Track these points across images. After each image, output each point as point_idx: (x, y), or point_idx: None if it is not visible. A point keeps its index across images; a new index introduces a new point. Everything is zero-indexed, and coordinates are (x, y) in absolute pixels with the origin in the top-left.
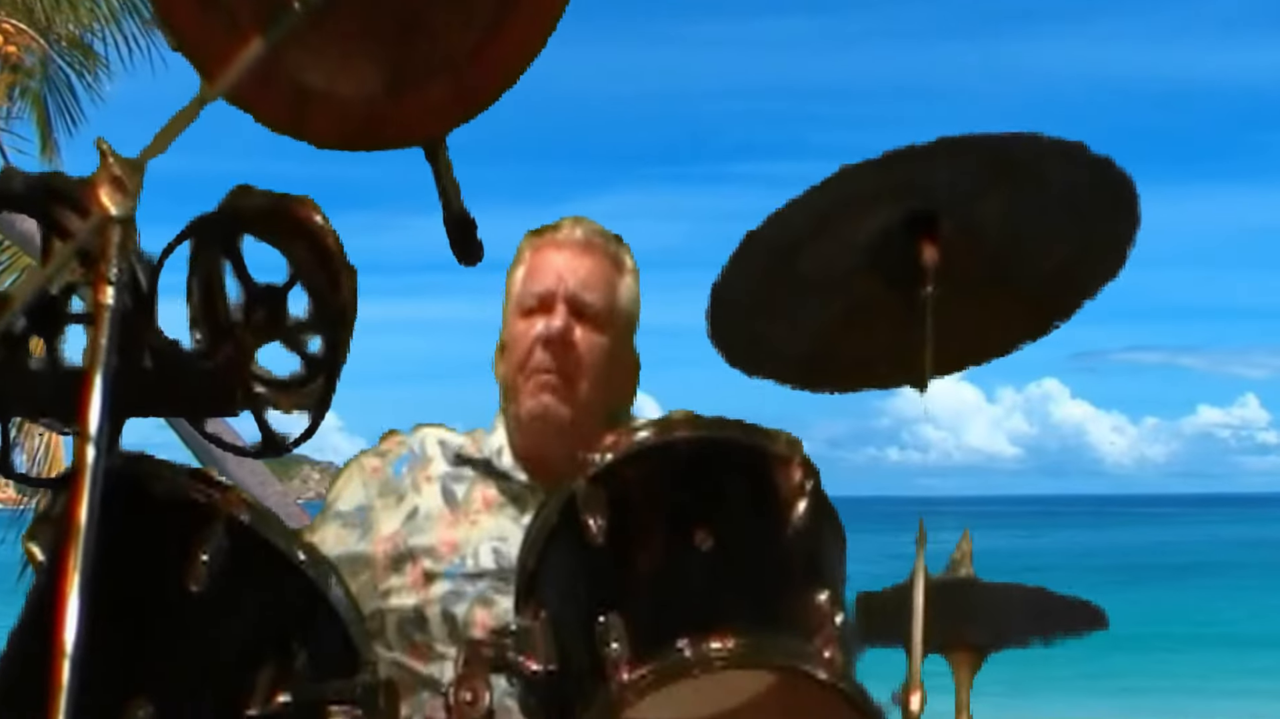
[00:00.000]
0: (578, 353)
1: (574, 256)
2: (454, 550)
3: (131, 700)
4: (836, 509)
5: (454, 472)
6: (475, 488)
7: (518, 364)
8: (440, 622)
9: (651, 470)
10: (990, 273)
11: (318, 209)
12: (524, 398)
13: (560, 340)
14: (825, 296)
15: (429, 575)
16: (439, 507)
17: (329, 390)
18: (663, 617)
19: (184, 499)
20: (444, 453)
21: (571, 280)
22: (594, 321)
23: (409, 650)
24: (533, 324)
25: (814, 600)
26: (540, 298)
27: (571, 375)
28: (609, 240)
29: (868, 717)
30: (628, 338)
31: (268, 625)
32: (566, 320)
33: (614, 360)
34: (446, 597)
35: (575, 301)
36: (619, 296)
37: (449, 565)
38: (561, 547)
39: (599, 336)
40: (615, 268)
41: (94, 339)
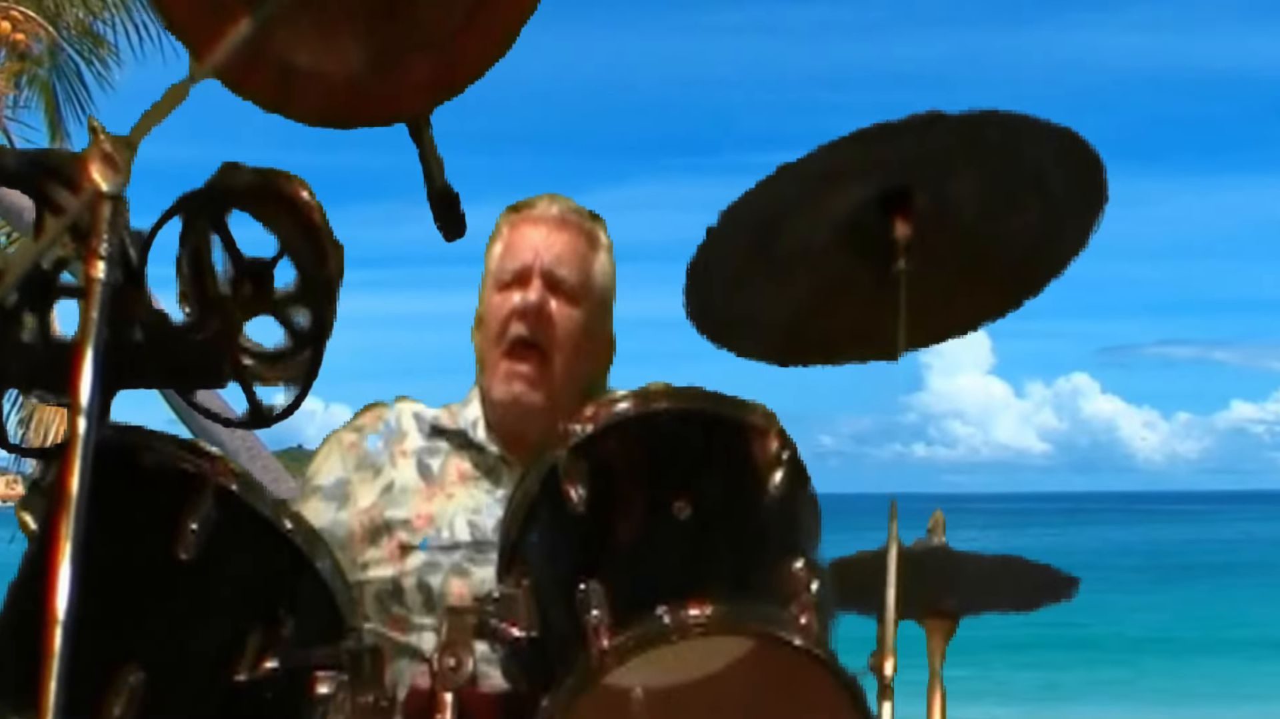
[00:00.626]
0: (553, 326)
1: (550, 232)
2: (429, 523)
3: (122, 666)
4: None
5: (429, 445)
6: (450, 461)
7: (494, 336)
8: (416, 592)
9: (631, 441)
10: (962, 248)
11: (305, 185)
12: (496, 381)
13: (536, 313)
14: (800, 272)
15: (405, 548)
16: (414, 480)
17: (315, 363)
18: (642, 584)
19: (173, 469)
20: (419, 426)
21: (547, 256)
22: (569, 296)
23: (387, 621)
24: (509, 297)
25: (790, 568)
26: (516, 273)
27: (546, 349)
28: (584, 217)
29: (843, 682)
30: (602, 312)
31: (255, 593)
32: (542, 294)
33: (588, 334)
34: (422, 568)
35: (551, 276)
36: (594, 272)
37: (424, 537)
38: (543, 516)
39: (574, 310)
40: (590, 244)
41: (85, 312)
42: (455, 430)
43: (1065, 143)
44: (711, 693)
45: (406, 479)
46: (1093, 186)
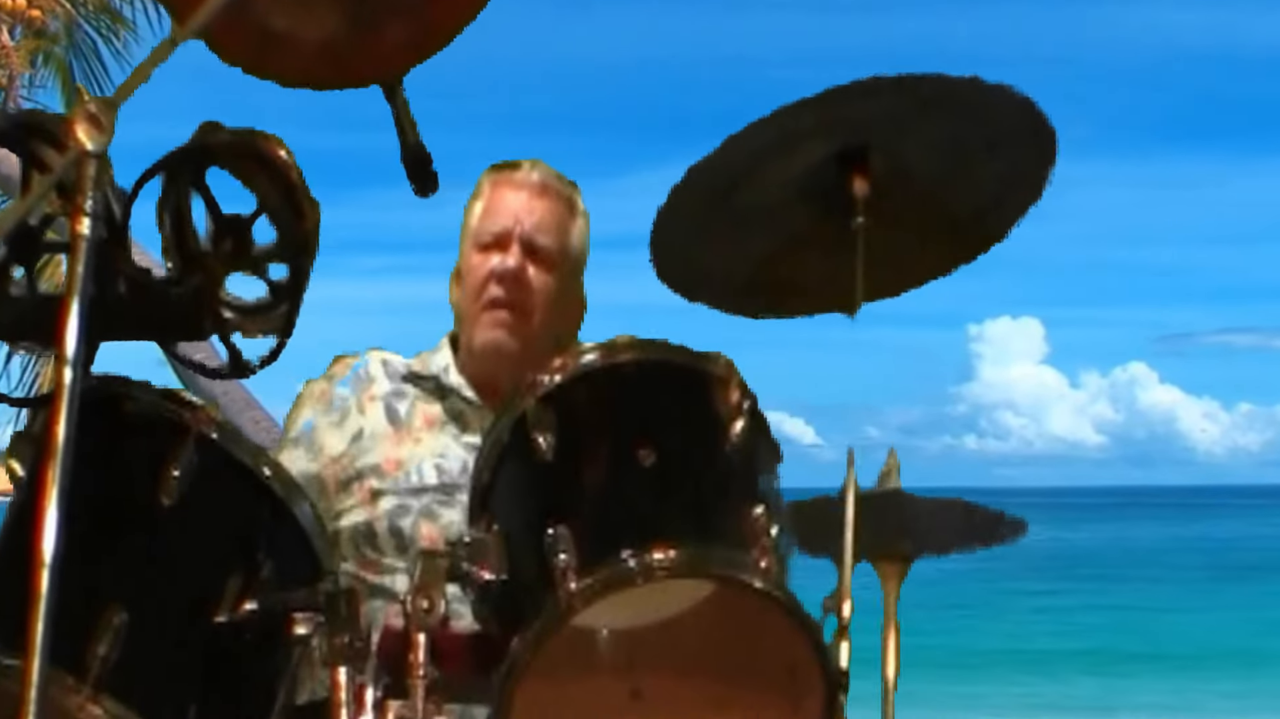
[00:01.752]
0: (530, 290)
1: (530, 198)
2: (398, 467)
3: (107, 608)
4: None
5: (397, 389)
6: (417, 407)
7: (473, 294)
8: (388, 535)
9: (597, 391)
10: (918, 204)
11: (282, 144)
12: (478, 329)
13: (514, 278)
14: (762, 227)
15: (375, 493)
16: (383, 426)
17: (293, 315)
18: (608, 529)
19: (156, 417)
20: (387, 373)
21: (527, 222)
22: (546, 262)
23: (360, 563)
24: (488, 259)
25: (750, 513)
26: (497, 236)
27: (524, 310)
28: (564, 185)
29: (801, 624)
30: (576, 277)
31: (235, 537)
32: (520, 260)
33: (562, 298)
34: (393, 512)
35: (530, 243)
36: (570, 239)
37: (393, 481)
38: (512, 463)
39: (549, 276)
40: (569, 211)
41: (71, 267)
42: (428, 376)
43: (1017, 105)
44: (675, 634)
45: (375, 425)
46: (1043, 146)
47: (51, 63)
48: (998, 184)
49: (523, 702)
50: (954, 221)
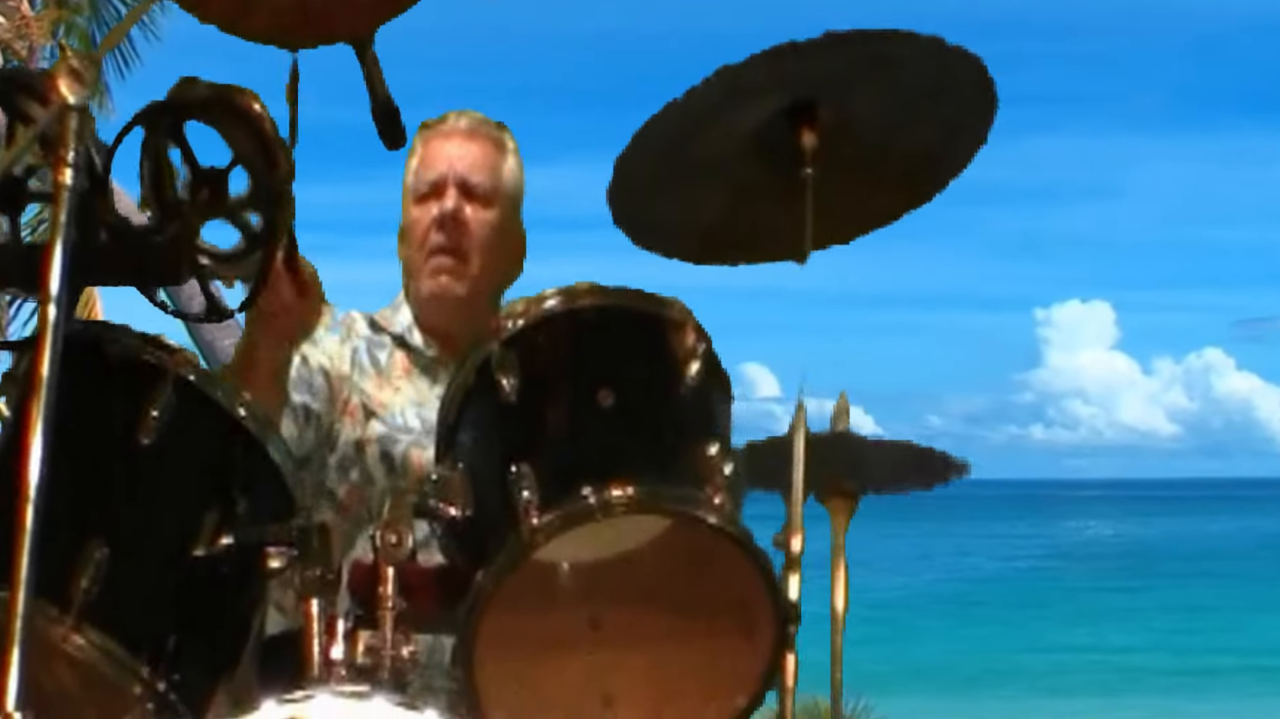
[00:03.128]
0: (469, 230)
1: (461, 143)
2: (383, 409)
3: (88, 542)
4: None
5: (375, 338)
6: (394, 355)
7: (416, 245)
8: (378, 461)
9: (559, 335)
10: (864, 155)
11: (256, 98)
12: (423, 279)
13: (453, 220)
14: (715, 178)
15: (367, 412)
16: (368, 365)
17: (268, 262)
18: (569, 467)
19: (136, 360)
20: (363, 320)
21: (460, 165)
22: (482, 200)
23: (348, 491)
24: (428, 209)
25: (705, 452)
26: (433, 184)
27: (466, 252)
28: (492, 126)
29: (753, 557)
30: (513, 212)
31: (212, 474)
32: (457, 202)
33: (502, 232)
34: (383, 438)
35: (464, 184)
36: (503, 175)
37: (383, 416)
38: (477, 404)
39: (487, 213)
40: (499, 150)
41: (54, 216)
42: (394, 333)
43: (956, 57)
44: (632, 567)
45: (363, 359)
46: (984, 100)
47: (74, 33)
48: (942, 134)
49: (487, 632)
50: (900, 171)
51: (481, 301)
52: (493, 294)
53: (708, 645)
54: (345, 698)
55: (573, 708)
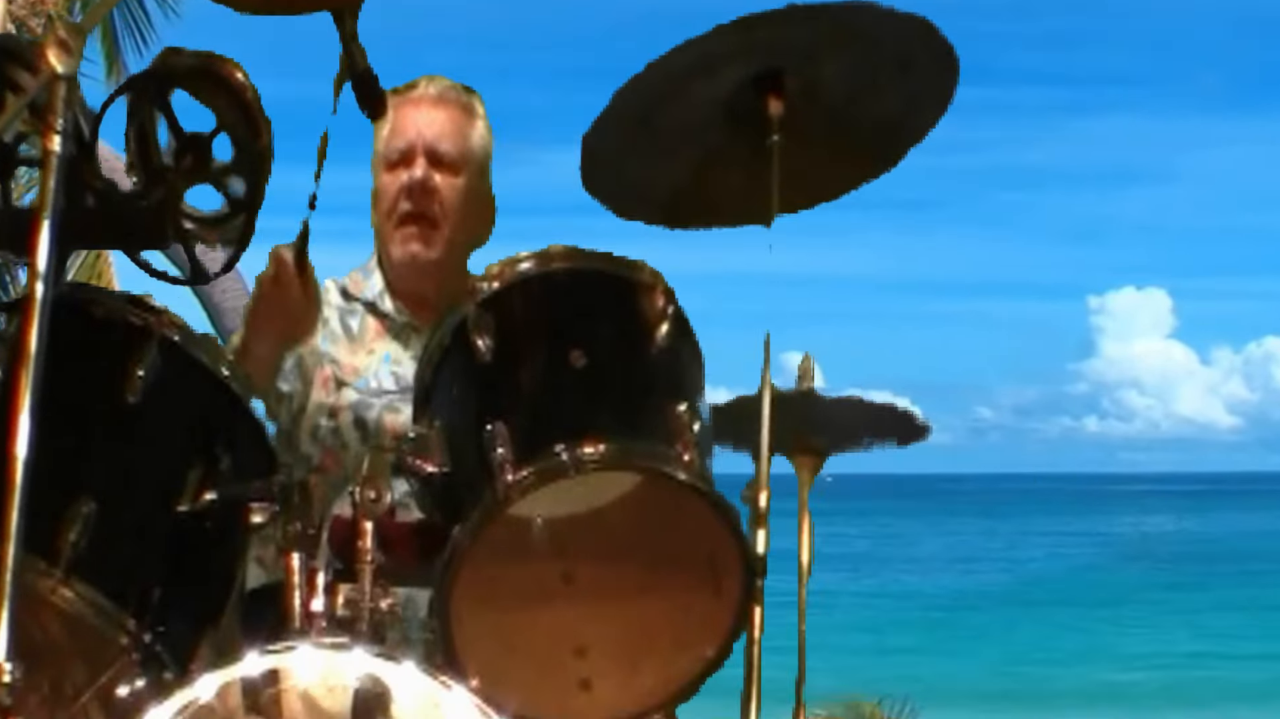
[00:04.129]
0: (439, 197)
1: (429, 111)
2: (356, 374)
3: (76, 497)
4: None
5: (346, 306)
6: (366, 320)
7: (386, 212)
8: (351, 428)
9: (532, 297)
10: (829, 123)
11: (239, 67)
12: (394, 245)
13: (421, 188)
14: (684, 145)
15: (339, 382)
16: (340, 332)
17: (249, 226)
18: (542, 425)
19: (122, 321)
20: (335, 288)
21: (429, 133)
22: (451, 168)
23: (325, 455)
24: (398, 176)
25: (674, 410)
26: (402, 152)
27: (435, 218)
28: (460, 92)
29: (721, 512)
30: (481, 176)
31: (196, 432)
32: (426, 170)
33: (470, 198)
34: (357, 404)
35: (433, 152)
36: (471, 141)
37: (356, 382)
38: (453, 364)
39: (455, 180)
40: (467, 116)
41: (43, 181)
42: (365, 299)
43: (919, 28)
44: (604, 522)
45: (334, 327)
46: (946, 70)
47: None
48: (904, 104)
49: (463, 586)
50: (862, 139)
51: (451, 265)
52: (463, 257)
53: (677, 598)
54: (325, 649)
55: (546, 659)
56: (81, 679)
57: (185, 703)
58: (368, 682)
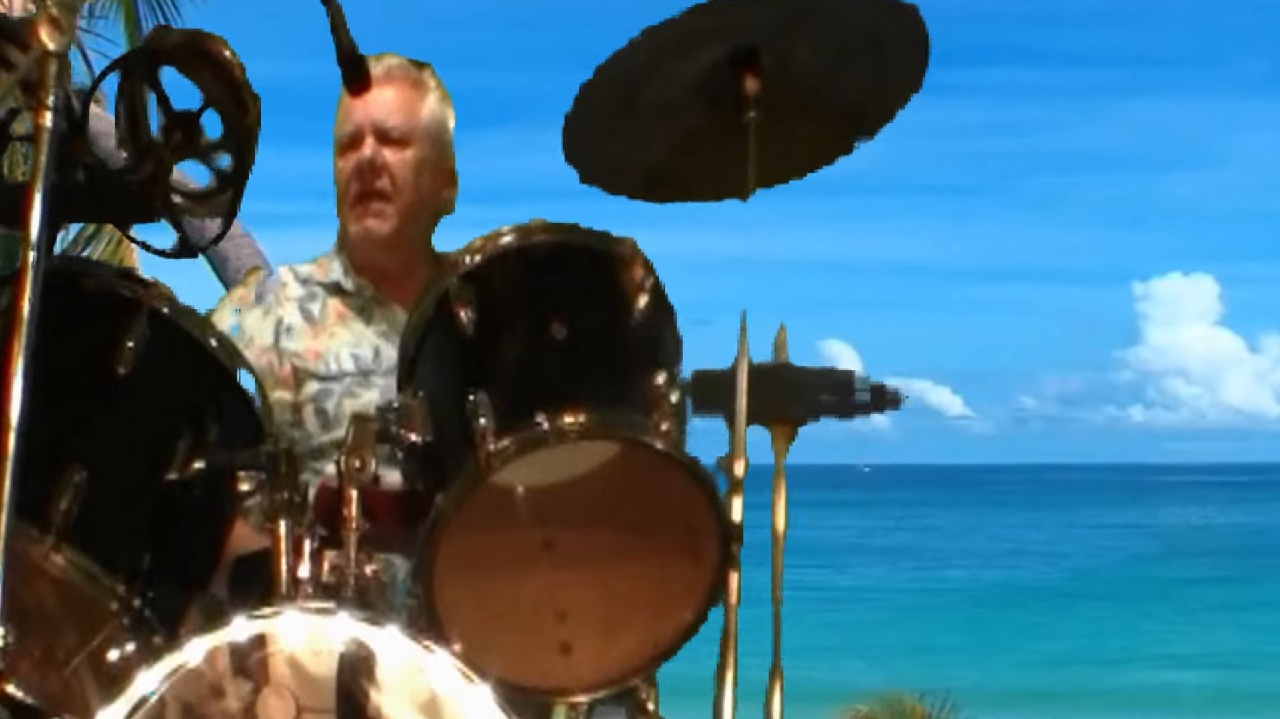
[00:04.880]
0: (389, 172)
1: (375, 91)
2: (317, 358)
3: (68, 466)
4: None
5: (307, 292)
6: (328, 304)
7: (341, 196)
8: (314, 416)
9: (514, 270)
10: (803, 100)
11: (226, 44)
12: (351, 225)
13: (370, 166)
14: (662, 121)
15: (300, 376)
16: (300, 322)
17: (236, 201)
18: (524, 395)
19: (112, 294)
20: (295, 278)
21: (375, 112)
22: (399, 143)
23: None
24: (349, 160)
25: (653, 381)
26: (351, 135)
27: (387, 193)
28: (407, 69)
29: (698, 480)
30: (434, 146)
31: (184, 402)
32: (374, 149)
33: (422, 169)
34: (317, 394)
35: (379, 130)
36: (420, 115)
37: (314, 368)
38: (436, 336)
39: (405, 153)
40: (415, 90)
41: (36, 156)
42: (327, 283)
43: (894, 10)
44: (584, 490)
45: (293, 320)
46: (918, 48)
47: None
48: (876, 81)
49: (446, 552)
50: (836, 115)
51: (409, 236)
52: (422, 227)
53: (656, 564)
54: (311, 614)
55: (527, 624)
56: (73, 644)
57: (174, 666)
58: (352, 646)
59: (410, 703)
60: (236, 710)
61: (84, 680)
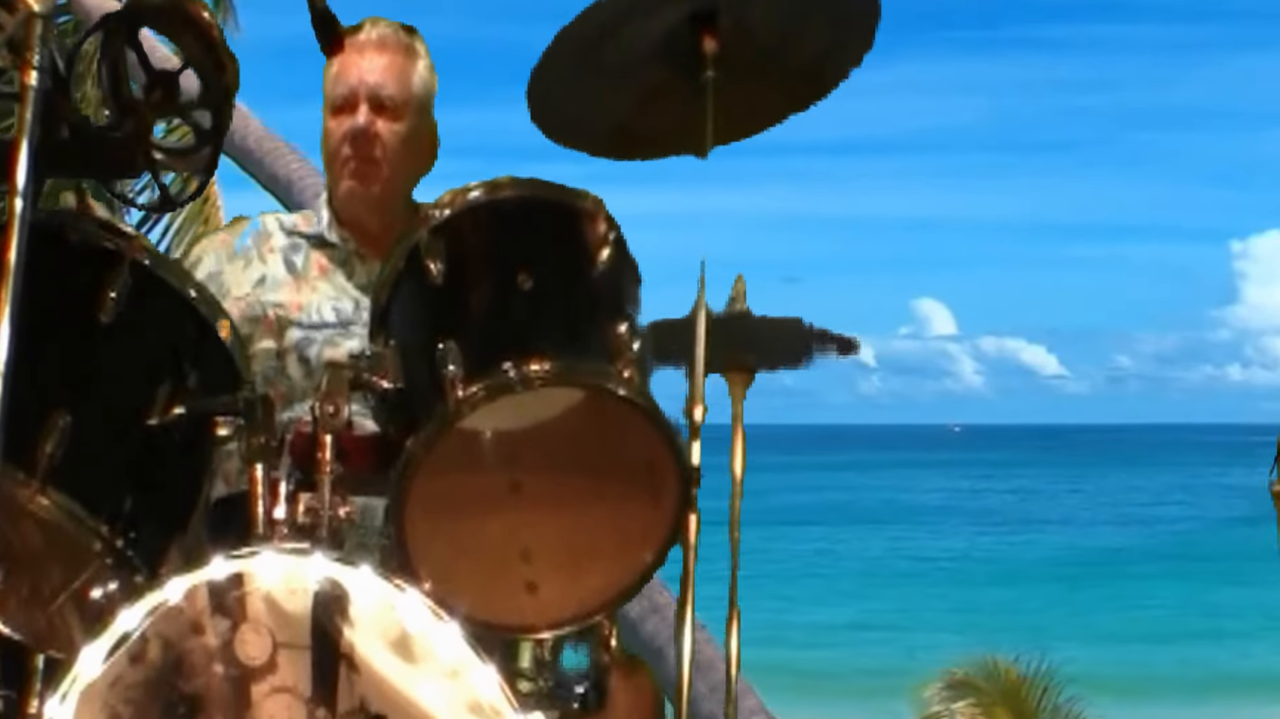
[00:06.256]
0: (380, 142)
1: (373, 56)
2: (299, 310)
3: (53, 411)
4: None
5: (291, 244)
6: (311, 256)
7: (330, 156)
8: (296, 363)
9: (482, 224)
10: (761, 60)
11: (205, 6)
12: (339, 184)
13: (364, 135)
14: (624, 80)
15: (282, 323)
16: (283, 273)
17: (215, 157)
18: (491, 344)
19: (96, 246)
20: (281, 229)
21: (370, 79)
22: (392, 113)
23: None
24: (342, 122)
25: (615, 330)
26: (345, 97)
27: (377, 160)
28: (401, 34)
29: (659, 426)
30: (422, 116)
31: (165, 350)
32: (368, 117)
33: (412, 140)
34: (300, 342)
35: (374, 98)
36: (413, 84)
37: (297, 319)
38: (407, 287)
39: (397, 125)
40: (408, 58)
41: (21, 114)
42: (312, 234)
43: None
44: (549, 435)
45: (275, 272)
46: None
47: None
48: (830, 41)
49: (416, 495)
50: (792, 74)
51: (394, 199)
52: (405, 190)
53: (618, 506)
54: (287, 554)
55: (494, 563)
56: (58, 582)
57: (155, 604)
58: (327, 585)
59: (382, 639)
60: (215, 646)
61: (68, 617)
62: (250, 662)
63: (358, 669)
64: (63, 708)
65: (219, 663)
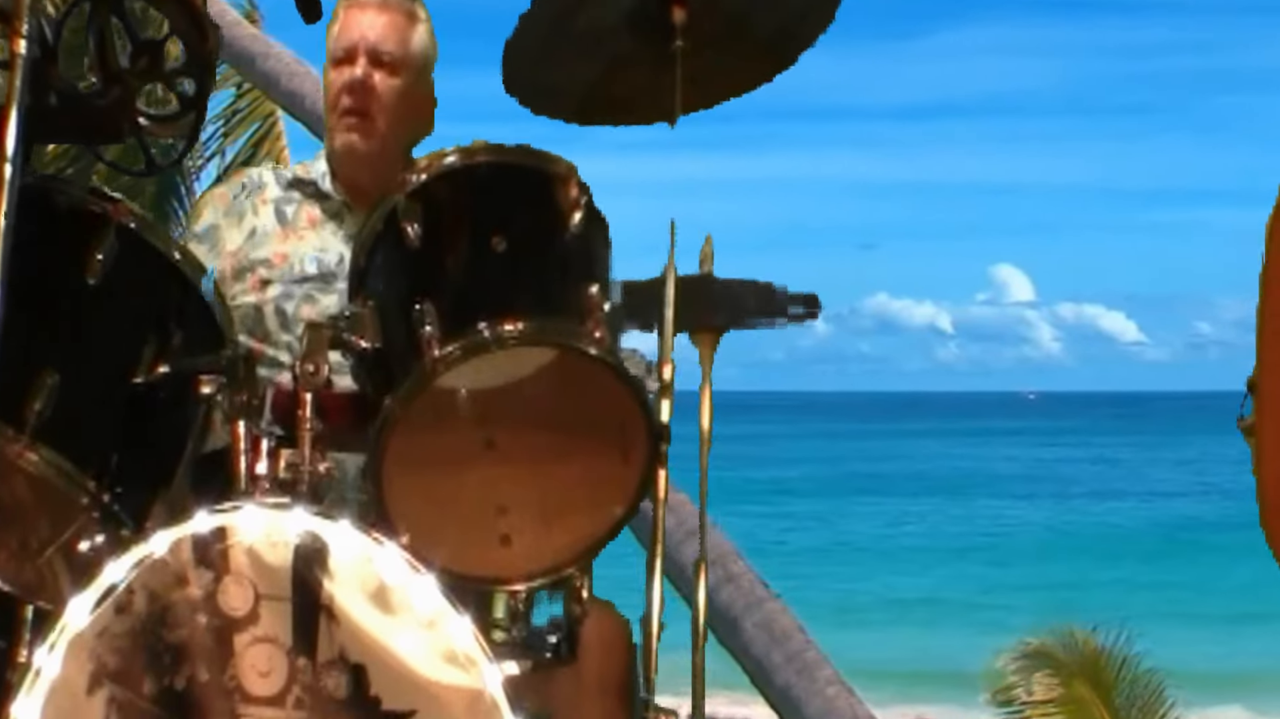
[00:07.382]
0: (376, 95)
1: (374, 14)
2: (284, 261)
3: (41, 370)
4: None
5: (285, 195)
6: (302, 208)
7: (330, 106)
8: (274, 316)
9: (457, 187)
10: (728, 29)
11: None
12: (335, 135)
13: (361, 86)
14: (595, 49)
15: (265, 281)
16: (273, 225)
17: (198, 123)
18: (466, 305)
19: (82, 209)
20: (277, 179)
21: (371, 35)
22: (390, 67)
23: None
24: (341, 74)
25: (586, 291)
26: (346, 51)
27: (373, 114)
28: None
29: (628, 384)
30: (419, 78)
31: (150, 311)
32: (366, 69)
33: (407, 97)
34: (279, 297)
35: (374, 53)
36: (412, 44)
37: (280, 272)
38: (385, 248)
39: (394, 80)
40: (409, 20)
41: (10, 81)
42: (308, 180)
43: None
44: (523, 393)
45: (266, 224)
46: None
47: None
48: (796, 12)
49: (394, 451)
50: (759, 43)
51: (388, 157)
52: (401, 150)
53: (589, 462)
54: (268, 509)
55: (470, 517)
56: (46, 536)
57: (141, 557)
58: (307, 538)
59: (360, 591)
60: (199, 598)
61: (56, 570)
62: (233, 612)
63: (337, 620)
64: (51, 657)
65: (202, 613)
